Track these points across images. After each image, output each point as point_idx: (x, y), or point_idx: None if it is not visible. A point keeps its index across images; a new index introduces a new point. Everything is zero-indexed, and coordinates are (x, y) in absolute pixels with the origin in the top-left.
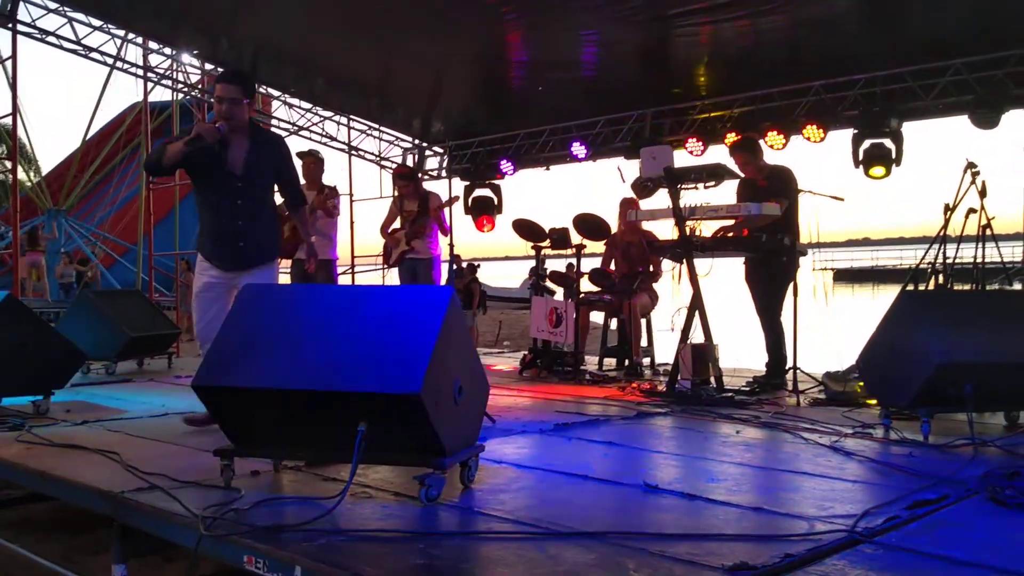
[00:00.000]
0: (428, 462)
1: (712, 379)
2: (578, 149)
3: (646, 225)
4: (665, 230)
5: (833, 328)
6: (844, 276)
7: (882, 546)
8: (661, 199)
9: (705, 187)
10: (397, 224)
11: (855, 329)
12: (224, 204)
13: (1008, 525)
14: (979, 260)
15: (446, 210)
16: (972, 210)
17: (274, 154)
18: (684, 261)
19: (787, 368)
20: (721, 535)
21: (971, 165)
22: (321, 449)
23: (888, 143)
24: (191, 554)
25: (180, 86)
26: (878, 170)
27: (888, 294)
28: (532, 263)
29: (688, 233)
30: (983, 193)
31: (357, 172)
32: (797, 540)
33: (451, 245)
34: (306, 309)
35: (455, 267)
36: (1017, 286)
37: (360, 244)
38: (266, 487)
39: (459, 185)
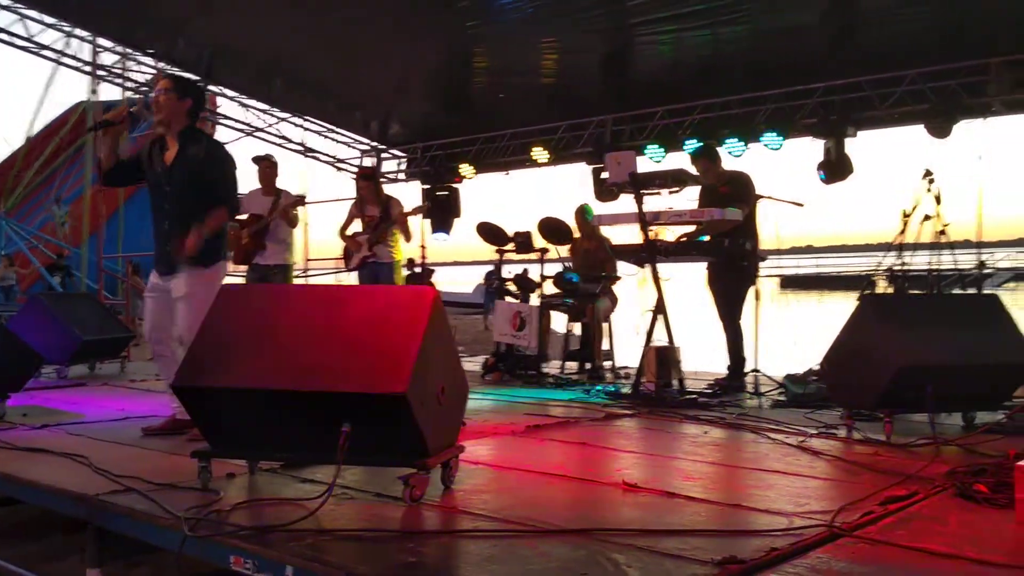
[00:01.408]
0: (412, 462)
1: (675, 382)
2: (539, 154)
3: (607, 230)
4: (628, 234)
5: (789, 332)
6: (790, 283)
7: (861, 540)
8: (624, 204)
9: (669, 192)
10: (357, 227)
11: (809, 333)
12: (155, 207)
13: (979, 519)
14: (934, 266)
15: (412, 217)
16: (928, 216)
17: (198, 154)
18: (648, 265)
19: (747, 371)
20: (705, 531)
21: (928, 173)
22: (302, 450)
23: (846, 151)
24: (156, 560)
25: (130, 84)
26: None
27: (834, 300)
28: (483, 269)
29: (652, 238)
30: (939, 200)
31: (312, 174)
32: (779, 535)
33: (423, 247)
34: (288, 309)
35: (411, 271)
36: (971, 291)
37: (315, 247)
38: (244, 489)
39: (419, 188)
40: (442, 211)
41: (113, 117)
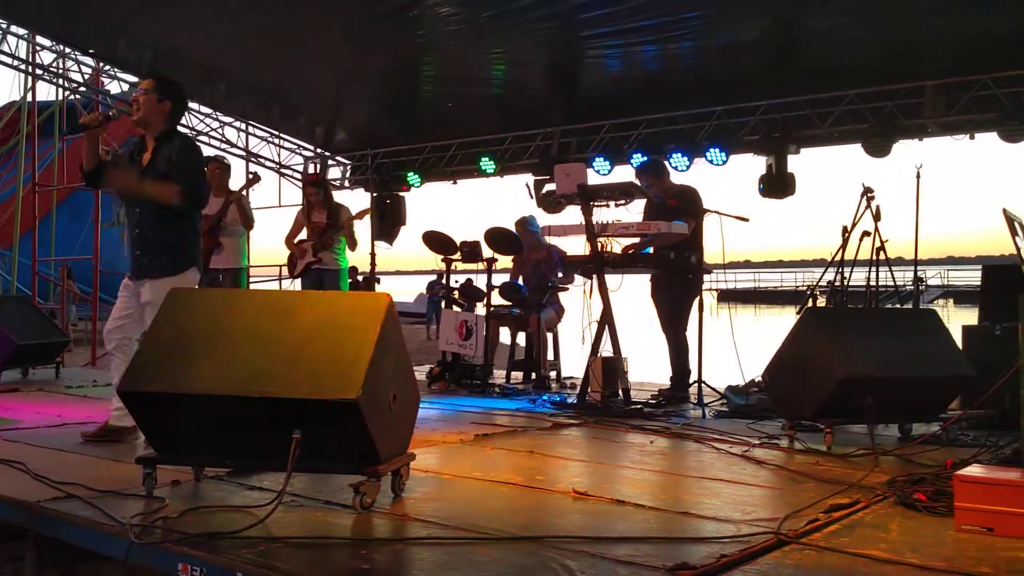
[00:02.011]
0: (362, 470)
1: (620, 392)
2: (487, 164)
3: (554, 240)
4: (575, 246)
5: (729, 344)
6: (727, 297)
7: (808, 546)
8: (571, 215)
9: (616, 205)
10: (303, 235)
11: (749, 346)
12: (129, 210)
13: (920, 527)
14: (872, 281)
15: (356, 223)
16: (867, 233)
17: (170, 155)
18: (595, 276)
19: (691, 381)
20: (656, 538)
21: (867, 190)
22: (252, 457)
23: (788, 168)
24: (92, 570)
25: (69, 83)
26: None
27: (771, 315)
28: (425, 278)
29: (599, 249)
30: (877, 216)
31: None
32: (728, 542)
33: (372, 254)
34: (239, 314)
35: (353, 279)
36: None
37: (258, 254)
38: (190, 496)
39: (363, 196)
40: (387, 219)
41: (88, 121)
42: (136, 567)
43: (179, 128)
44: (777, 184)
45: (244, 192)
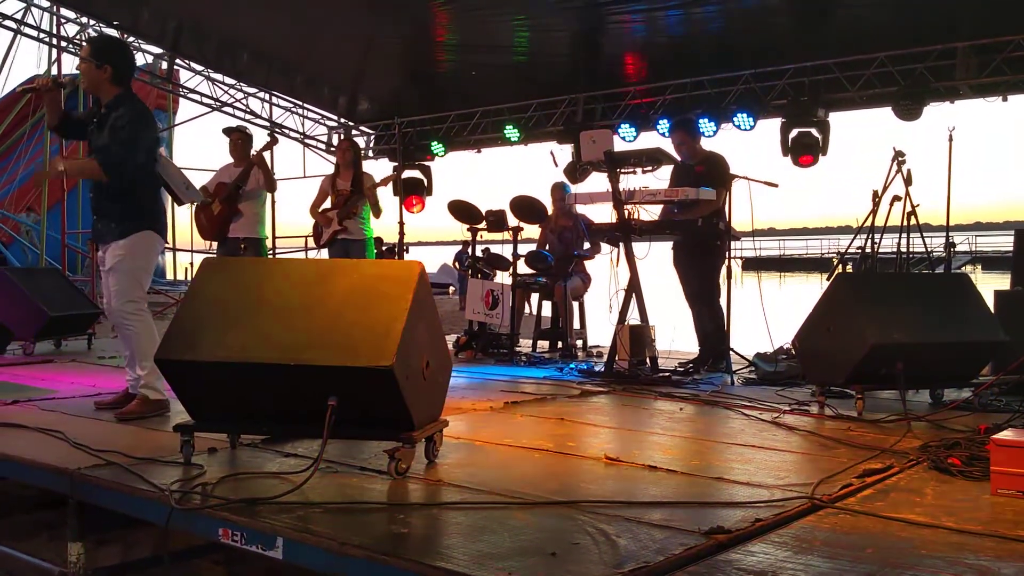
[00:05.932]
0: (397, 436)
1: (648, 360)
2: (511, 132)
3: (581, 208)
4: (602, 214)
5: (755, 312)
6: (752, 265)
7: (843, 510)
8: (594, 183)
9: (643, 171)
10: (328, 204)
11: (776, 313)
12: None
13: (955, 491)
14: (903, 247)
15: (379, 190)
16: (897, 198)
17: (113, 123)
18: (622, 244)
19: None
20: (690, 502)
21: (899, 154)
22: (287, 424)
23: (815, 132)
24: (125, 536)
25: None
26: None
27: (796, 282)
28: (449, 248)
29: (626, 217)
30: (908, 181)
31: (279, 151)
32: (762, 506)
33: (401, 224)
34: (273, 283)
35: (378, 250)
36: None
37: (282, 225)
38: (227, 463)
39: (388, 166)
40: (414, 189)
41: (39, 85)
42: (169, 533)
43: (189, 98)
44: (808, 148)
45: (264, 155)
